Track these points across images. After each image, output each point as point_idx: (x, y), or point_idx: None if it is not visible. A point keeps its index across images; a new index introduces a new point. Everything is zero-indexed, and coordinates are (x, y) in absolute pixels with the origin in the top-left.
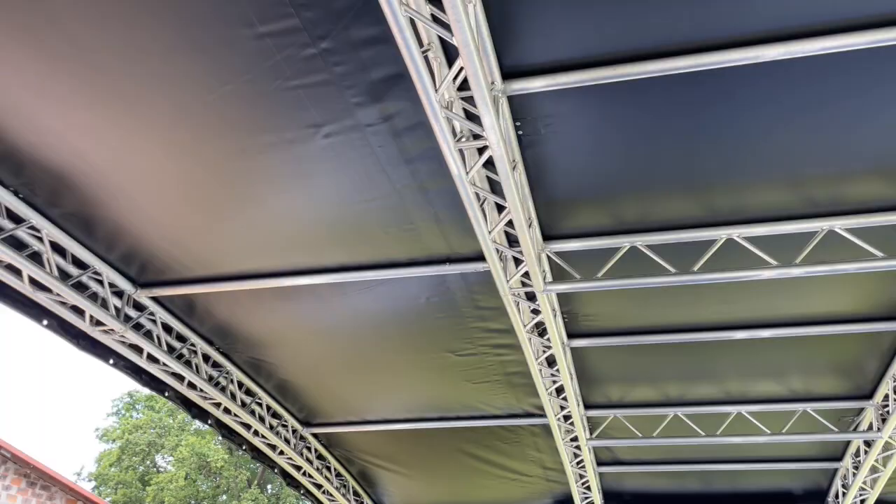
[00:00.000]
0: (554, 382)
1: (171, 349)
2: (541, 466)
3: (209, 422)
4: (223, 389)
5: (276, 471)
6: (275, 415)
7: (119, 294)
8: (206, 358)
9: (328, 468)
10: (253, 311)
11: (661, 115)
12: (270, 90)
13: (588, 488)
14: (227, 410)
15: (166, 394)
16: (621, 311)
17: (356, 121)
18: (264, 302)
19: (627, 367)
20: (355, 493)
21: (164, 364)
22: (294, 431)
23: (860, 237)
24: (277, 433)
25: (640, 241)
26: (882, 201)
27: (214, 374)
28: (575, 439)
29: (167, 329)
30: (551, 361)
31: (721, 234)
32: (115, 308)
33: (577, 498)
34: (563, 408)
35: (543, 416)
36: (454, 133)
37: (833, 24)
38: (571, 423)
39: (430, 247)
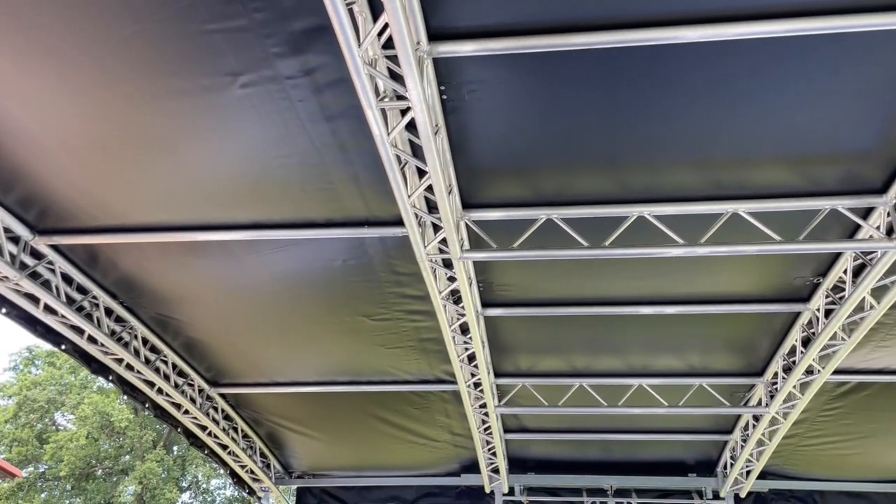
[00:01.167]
0: (466, 350)
1: (70, 301)
2: (449, 432)
3: (110, 378)
4: (126, 345)
5: (179, 430)
6: (181, 373)
7: (15, 240)
8: (108, 312)
9: (235, 429)
10: (160, 266)
11: (583, 91)
12: (185, 32)
13: (494, 454)
14: (129, 367)
15: (63, 347)
16: (535, 283)
17: (275, 72)
18: (173, 256)
19: (538, 338)
20: (262, 455)
21: (63, 316)
22: (200, 391)
23: (761, 221)
24: (183, 392)
25: (557, 213)
26: (783, 187)
27: (117, 328)
28: (483, 406)
29: (67, 280)
30: (465, 329)
31: (633, 211)
32: (10, 255)
33: (482, 463)
34: (473, 375)
35: (454, 382)
36: (377, 92)
37: (753, 11)
38: (481, 391)
39: (349, 208)
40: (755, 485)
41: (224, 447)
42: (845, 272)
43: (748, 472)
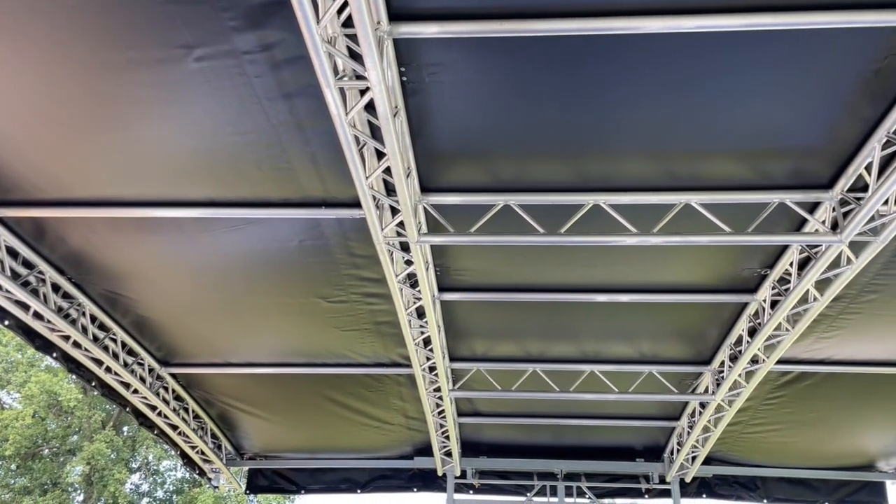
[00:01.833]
0: (422, 333)
1: (15, 275)
2: (403, 415)
3: (55, 355)
4: (73, 322)
5: (128, 410)
6: (130, 352)
7: None
8: (55, 287)
9: (186, 410)
10: (110, 242)
11: (543, 78)
12: (137, 2)
13: (447, 438)
14: (76, 344)
15: (6, 322)
16: (492, 268)
17: (232, 46)
18: (123, 232)
19: (493, 323)
20: (213, 436)
21: (7, 291)
22: (151, 370)
23: (713, 212)
24: (132, 371)
25: (514, 200)
26: (734, 180)
27: (64, 305)
28: (438, 390)
29: (13, 254)
30: (421, 313)
31: (589, 199)
32: None
33: (436, 447)
34: (428, 359)
35: (409, 366)
36: (336, 71)
37: (713, 5)
38: (436, 374)
39: (306, 188)
40: (700, 470)
41: (174, 427)
42: (791, 265)
43: (693, 458)
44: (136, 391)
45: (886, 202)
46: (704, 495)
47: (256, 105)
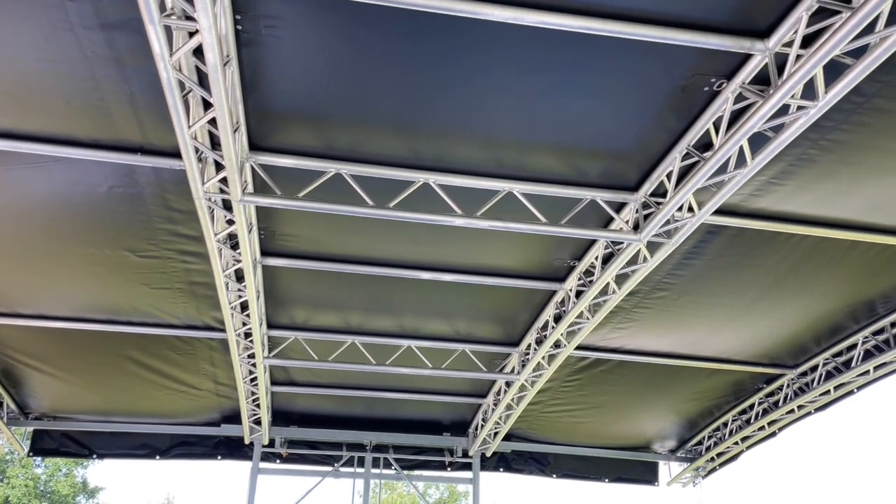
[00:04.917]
0: (239, 298)
1: None
2: (213, 381)
3: None
4: None
5: None
6: None
7: None
8: None
9: None
10: None
11: (386, 49)
12: None
13: (258, 406)
14: None
15: None
16: (319, 236)
17: None
18: None
19: (316, 292)
20: None
21: None
22: None
23: (532, 202)
24: None
25: (346, 169)
26: (553, 174)
27: None
28: (252, 356)
29: None
30: (240, 276)
31: (420, 177)
32: None
33: (245, 415)
34: (244, 324)
35: (223, 330)
36: (162, 7)
37: (554, 3)
38: (251, 341)
39: (121, 131)
40: (500, 446)
41: None
42: (597, 258)
43: (496, 434)
44: None
45: (681, 209)
46: (502, 469)
47: (69, 32)
